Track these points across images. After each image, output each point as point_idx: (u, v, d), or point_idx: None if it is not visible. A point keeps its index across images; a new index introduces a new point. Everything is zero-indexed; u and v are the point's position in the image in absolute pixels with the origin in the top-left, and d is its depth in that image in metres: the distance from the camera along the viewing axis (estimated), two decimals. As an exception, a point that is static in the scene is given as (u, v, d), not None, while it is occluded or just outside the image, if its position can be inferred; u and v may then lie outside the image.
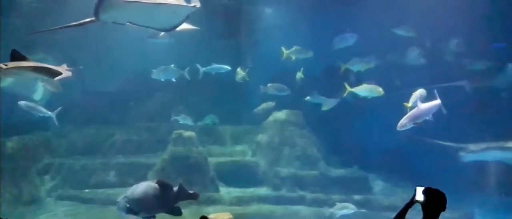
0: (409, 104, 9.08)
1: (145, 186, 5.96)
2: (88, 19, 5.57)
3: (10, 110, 10.39)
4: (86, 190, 10.32)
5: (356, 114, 11.80)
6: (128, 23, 5.74)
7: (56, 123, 10.07)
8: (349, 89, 10.10)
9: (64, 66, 6.52)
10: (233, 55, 12.24)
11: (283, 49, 11.04)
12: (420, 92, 9.34)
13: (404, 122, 8.23)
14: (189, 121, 11.30)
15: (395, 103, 11.25)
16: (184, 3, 5.44)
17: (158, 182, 6.03)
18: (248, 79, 11.31)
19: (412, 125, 8.31)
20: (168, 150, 10.32)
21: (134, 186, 6.08)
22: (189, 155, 10.19)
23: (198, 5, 5.46)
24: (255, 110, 11.64)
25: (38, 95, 11.89)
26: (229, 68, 11.16)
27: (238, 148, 11.84)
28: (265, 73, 12.12)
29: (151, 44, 12.00)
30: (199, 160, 10.24)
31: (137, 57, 11.96)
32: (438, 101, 8.63)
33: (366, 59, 11.14)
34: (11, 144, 10.23)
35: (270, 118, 11.71)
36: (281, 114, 11.66)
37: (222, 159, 11.10)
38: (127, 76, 12.32)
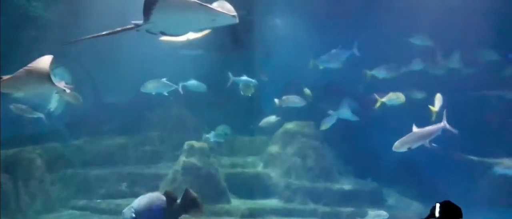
0: (435, 108, 9.02)
1: (152, 198, 5.97)
2: (126, 27, 5.43)
3: (26, 120, 10.54)
4: (98, 200, 10.38)
5: (370, 124, 11.71)
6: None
7: (45, 121, 10.12)
8: (380, 100, 10.01)
9: (63, 83, 6.47)
10: (246, 67, 12.24)
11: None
12: (439, 97, 9.24)
13: (398, 145, 8.02)
14: (220, 138, 11.20)
15: (411, 113, 11.19)
16: (222, 10, 5.21)
17: (164, 194, 6.03)
18: (252, 93, 11.21)
19: (406, 149, 8.07)
20: (180, 161, 10.32)
21: (141, 197, 6.10)
22: (201, 166, 10.17)
23: (237, 16, 5.28)
24: (260, 124, 11.48)
25: (53, 105, 12.07)
26: (256, 82, 11.09)
27: (250, 159, 11.80)
28: (277, 84, 12.13)
29: (164, 55, 12.12)
30: (211, 171, 10.22)
31: (151, 68, 12.07)
32: (439, 125, 8.25)
33: (392, 66, 11.10)
34: (26, 154, 10.34)
35: (282, 129, 11.65)
36: (292, 125, 11.59)
37: (233, 170, 11.06)
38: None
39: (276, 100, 11.16)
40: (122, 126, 12.05)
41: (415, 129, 8.10)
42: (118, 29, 5.51)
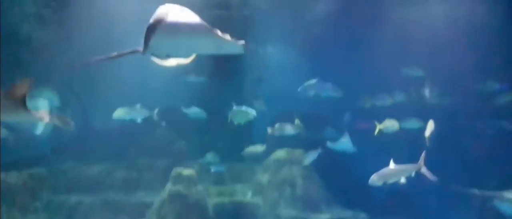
0: (427, 134, 9.28)
1: None
2: (133, 50, 5.23)
3: (11, 145, 10.38)
4: (83, 228, 10.16)
5: (361, 153, 11.63)
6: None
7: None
8: (379, 126, 9.98)
9: (42, 112, 6.17)
10: (237, 93, 12.21)
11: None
12: (431, 123, 9.43)
13: (374, 179, 7.99)
14: (221, 167, 11.05)
15: (402, 142, 11.16)
16: (229, 37, 5.02)
17: None
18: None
19: (381, 184, 8.02)
20: (166, 188, 10.16)
21: None
22: (188, 195, 10.00)
23: (244, 45, 5.09)
24: (242, 153, 11.36)
25: (39, 129, 11.92)
26: (255, 114, 10.94)
27: (239, 187, 11.63)
28: (269, 111, 12.07)
29: (156, 81, 12.08)
30: (199, 200, 10.05)
31: (141, 93, 12.00)
32: (415, 166, 8.27)
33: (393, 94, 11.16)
34: (10, 179, 10.14)
35: (272, 157, 11.53)
36: (282, 153, 11.48)
37: (221, 199, 10.89)
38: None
39: (269, 129, 11.03)
40: (110, 152, 11.87)
41: (392, 165, 8.10)
42: (125, 52, 5.36)
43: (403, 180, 8.01)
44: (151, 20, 4.64)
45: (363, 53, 11.90)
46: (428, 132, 9.42)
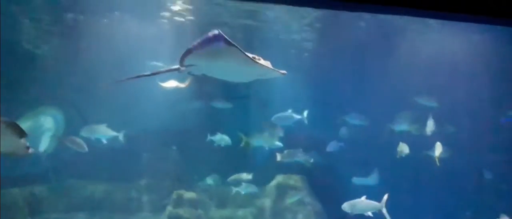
0: (437, 155, 9.77)
1: None
2: (171, 68, 5.32)
3: (12, 162, 10.36)
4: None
5: (361, 181, 11.59)
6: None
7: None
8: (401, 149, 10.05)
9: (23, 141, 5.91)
10: (241, 117, 12.25)
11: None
12: (439, 145, 9.83)
13: (344, 205, 8.79)
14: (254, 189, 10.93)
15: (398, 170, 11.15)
16: (270, 66, 5.23)
17: None
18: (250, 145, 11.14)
19: (349, 211, 8.76)
20: (167, 211, 10.08)
21: None
22: (189, 218, 9.92)
23: (285, 73, 5.27)
24: (228, 179, 11.23)
25: (42, 146, 11.91)
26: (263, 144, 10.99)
27: (240, 212, 11.52)
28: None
29: (159, 103, 12.19)
30: (199, 224, 9.97)
31: (144, 113, 12.04)
32: (378, 205, 8.73)
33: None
34: (10, 197, 10.08)
35: (273, 182, 11.48)
36: (284, 178, 11.43)
37: (222, 223, 10.81)
38: (133, 133, 12.31)
39: (278, 154, 10.93)
40: (111, 171, 11.82)
41: (363, 198, 8.87)
42: (163, 69, 5.52)
43: (369, 213, 8.73)
44: (207, 39, 4.78)
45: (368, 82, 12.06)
46: (437, 153, 9.80)
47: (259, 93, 13.05)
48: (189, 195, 10.29)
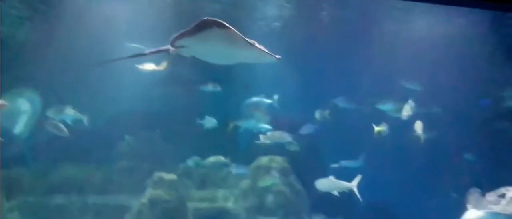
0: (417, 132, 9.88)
1: None
2: (161, 48, 5.33)
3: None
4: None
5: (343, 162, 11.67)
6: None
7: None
8: (377, 129, 10.07)
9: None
10: (223, 99, 12.16)
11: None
12: (419, 123, 9.93)
13: (317, 184, 9.16)
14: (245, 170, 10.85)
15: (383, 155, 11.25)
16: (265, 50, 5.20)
17: None
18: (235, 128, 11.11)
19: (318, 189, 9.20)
20: (147, 193, 10.01)
21: None
22: (169, 200, 9.87)
23: (280, 57, 5.25)
24: (203, 162, 11.15)
25: (18, 129, 11.68)
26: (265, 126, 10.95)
27: (221, 193, 11.50)
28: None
29: (138, 83, 11.96)
30: (179, 205, 9.93)
31: (123, 96, 11.85)
32: (349, 185, 8.99)
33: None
34: (-15, 179, 9.88)
35: (255, 163, 11.47)
36: (266, 160, 11.43)
37: (202, 204, 10.76)
38: (111, 114, 12.16)
39: (261, 136, 10.89)
40: (90, 154, 11.67)
41: (331, 178, 9.15)
42: (153, 50, 5.44)
43: (335, 193, 9.02)
44: (203, 21, 4.77)
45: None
46: (418, 131, 9.90)
47: (241, 76, 12.99)
48: (169, 176, 10.21)
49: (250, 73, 12.52)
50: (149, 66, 11.19)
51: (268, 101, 11.00)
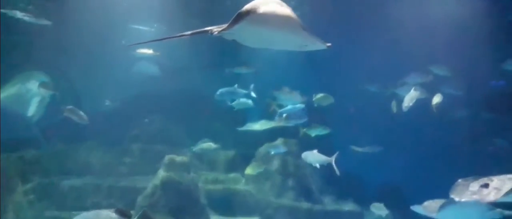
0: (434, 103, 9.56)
1: (98, 216, 5.42)
2: (201, 30, 4.90)
3: (1, 127, 10.21)
4: (74, 212, 10.01)
5: (352, 144, 11.68)
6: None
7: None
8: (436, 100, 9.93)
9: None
10: (229, 82, 12.12)
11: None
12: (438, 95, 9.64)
13: (302, 156, 9.30)
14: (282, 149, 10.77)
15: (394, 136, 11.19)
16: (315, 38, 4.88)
17: (116, 211, 5.47)
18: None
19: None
20: (159, 175, 10.06)
21: (85, 214, 5.40)
22: (181, 181, 9.91)
23: (330, 45, 4.92)
24: (193, 147, 11.10)
25: (31, 111, 11.75)
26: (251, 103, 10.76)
27: (232, 175, 11.57)
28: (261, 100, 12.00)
29: (148, 67, 11.97)
30: (191, 187, 9.97)
31: (136, 79, 11.89)
32: (329, 159, 9.08)
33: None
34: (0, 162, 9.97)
35: (265, 146, 11.48)
36: (277, 143, 11.43)
37: (214, 186, 10.85)
38: (123, 97, 12.20)
39: (277, 118, 10.68)
40: (103, 136, 11.74)
41: (315, 151, 9.17)
42: (194, 31, 5.19)
43: (317, 165, 9.15)
44: (248, 5, 4.42)
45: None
46: (435, 101, 9.63)
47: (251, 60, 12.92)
48: (180, 158, 10.23)
49: (261, 57, 12.48)
50: (148, 51, 11.26)
51: (244, 91, 10.72)
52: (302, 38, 4.77)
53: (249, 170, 11.13)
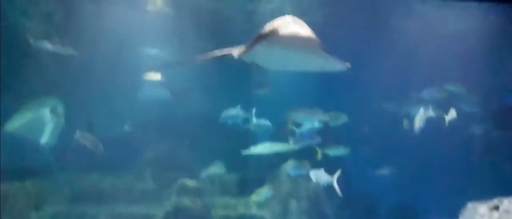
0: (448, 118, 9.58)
1: None
2: (225, 53, 5.01)
3: (14, 154, 10.33)
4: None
5: (367, 166, 11.54)
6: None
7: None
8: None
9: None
10: (240, 100, 12.12)
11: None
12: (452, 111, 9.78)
13: (310, 174, 9.45)
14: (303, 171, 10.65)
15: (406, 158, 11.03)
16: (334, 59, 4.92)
17: None
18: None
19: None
20: (171, 200, 10.05)
21: None
22: (193, 207, 9.89)
23: (350, 66, 4.97)
24: (205, 171, 11.08)
25: (44, 138, 11.85)
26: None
27: (244, 199, 11.47)
28: (273, 118, 11.94)
29: (161, 91, 12.05)
30: (203, 212, 9.93)
31: (146, 104, 11.95)
32: (330, 179, 9.19)
33: None
34: (12, 189, 10.04)
35: (277, 169, 11.39)
36: (288, 165, 11.34)
37: (226, 212, 10.75)
38: (136, 123, 12.26)
39: (291, 139, 10.60)
40: (114, 162, 11.77)
41: (322, 170, 9.31)
42: (215, 55, 5.17)
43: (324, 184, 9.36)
44: (269, 26, 4.47)
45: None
46: (449, 117, 9.78)
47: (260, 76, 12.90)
48: (192, 183, 10.22)
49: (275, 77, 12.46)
50: (156, 75, 11.37)
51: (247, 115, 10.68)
52: (324, 60, 4.77)
53: (260, 194, 11.01)
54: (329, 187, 11.08)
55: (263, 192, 10.84)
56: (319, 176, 9.26)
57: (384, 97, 11.92)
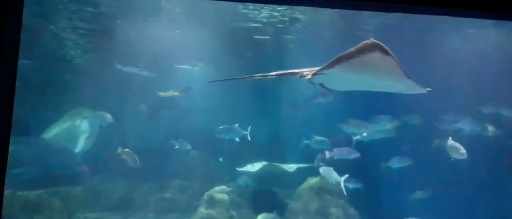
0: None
1: None
2: (293, 71, 4.99)
3: (48, 162, 10.68)
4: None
5: (394, 183, 11.27)
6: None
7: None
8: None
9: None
10: (270, 118, 12.20)
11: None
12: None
13: (320, 170, 9.96)
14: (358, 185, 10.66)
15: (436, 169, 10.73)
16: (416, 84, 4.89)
17: None
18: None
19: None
20: (198, 212, 10.10)
21: None
22: (220, 219, 9.91)
23: (431, 90, 4.97)
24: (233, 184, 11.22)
25: (78, 147, 12.23)
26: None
27: (271, 215, 11.39)
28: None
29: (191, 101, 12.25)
30: (230, 225, 9.93)
31: (179, 116, 12.19)
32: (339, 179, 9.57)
33: None
34: (46, 196, 10.34)
35: (305, 184, 11.29)
36: (316, 181, 11.22)
37: (253, 225, 10.70)
38: (166, 133, 12.48)
39: (327, 153, 10.64)
40: (145, 172, 11.97)
41: (331, 168, 9.71)
42: (280, 72, 5.25)
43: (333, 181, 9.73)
44: (351, 50, 4.47)
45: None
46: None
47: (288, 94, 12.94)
48: (220, 196, 10.25)
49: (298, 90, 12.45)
50: (173, 93, 11.67)
51: (243, 132, 10.97)
52: (406, 84, 4.77)
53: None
54: (361, 206, 11.06)
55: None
56: (328, 173, 9.64)
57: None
